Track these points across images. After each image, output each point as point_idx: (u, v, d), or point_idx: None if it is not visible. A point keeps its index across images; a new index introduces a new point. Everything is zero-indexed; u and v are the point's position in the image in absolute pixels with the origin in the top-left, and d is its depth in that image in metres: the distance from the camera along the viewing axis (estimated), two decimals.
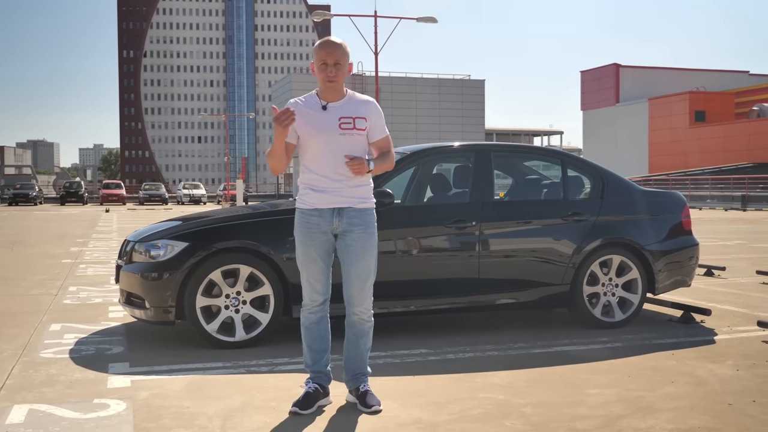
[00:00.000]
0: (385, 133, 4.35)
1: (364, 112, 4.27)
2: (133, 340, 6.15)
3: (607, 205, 6.78)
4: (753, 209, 38.42)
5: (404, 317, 6.61)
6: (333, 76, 4.18)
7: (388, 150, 4.37)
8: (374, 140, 4.31)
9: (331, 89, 4.23)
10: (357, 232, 4.24)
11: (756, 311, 7.40)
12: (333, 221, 4.23)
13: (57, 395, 4.54)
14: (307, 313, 4.35)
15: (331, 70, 4.18)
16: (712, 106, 68.58)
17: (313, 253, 4.25)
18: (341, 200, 4.22)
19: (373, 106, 4.32)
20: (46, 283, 9.55)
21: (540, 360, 5.50)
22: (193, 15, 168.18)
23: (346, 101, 4.28)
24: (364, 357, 4.41)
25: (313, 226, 4.23)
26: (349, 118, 4.22)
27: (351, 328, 4.38)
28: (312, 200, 4.24)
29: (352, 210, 4.24)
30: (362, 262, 4.26)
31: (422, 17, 32.60)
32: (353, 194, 4.25)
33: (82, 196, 51.28)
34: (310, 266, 4.28)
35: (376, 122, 4.30)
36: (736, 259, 12.54)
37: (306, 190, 4.28)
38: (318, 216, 4.23)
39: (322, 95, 4.28)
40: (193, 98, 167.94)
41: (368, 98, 4.36)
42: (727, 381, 4.88)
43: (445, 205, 6.64)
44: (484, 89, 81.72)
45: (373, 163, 4.24)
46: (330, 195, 4.21)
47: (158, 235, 6.04)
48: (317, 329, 4.35)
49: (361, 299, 4.31)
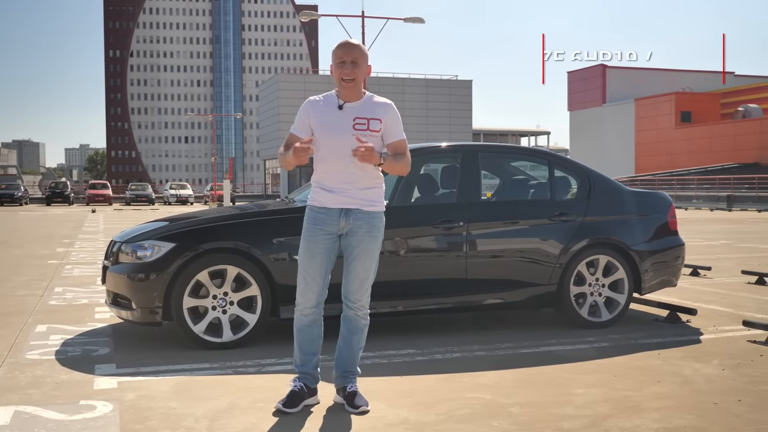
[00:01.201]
0: (401, 137, 4.32)
1: (380, 114, 4.25)
2: (120, 341, 6.12)
3: (593, 205, 6.80)
4: (738, 209, 38.63)
5: (392, 317, 6.61)
6: (349, 72, 4.16)
7: (403, 153, 4.33)
8: (389, 142, 4.29)
9: (348, 88, 4.21)
10: (361, 233, 4.24)
11: (741, 311, 7.45)
12: (340, 221, 4.23)
13: (43, 397, 4.52)
14: (300, 314, 4.33)
15: (348, 67, 4.16)
16: (698, 107, 68.90)
17: (313, 249, 4.24)
18: (350, 201, 4.22)
19: (390, 108, 4.30)
20: (31, 284, 9.50)
21: (527, 360, 5.51)
22: (180, 15, 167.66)
23: (363, 102, 4.27)
24: (356, 356, 4.41)
25: (319, 223, 4.23)
26: (364, 119, 4.21)
27: (346, 323, 4.38)
28: (321, 199, 4.25)
29: (359, 212, 4.24)
30: (363, 263, 4.27)
31: (409, 17, 32.60)
32: (362, 196, 4.24)
33: (68, 197, 51.02)
34: (309, 263, 4.26)
35: (392, 125, 4.28)
36: (722, 259, 12.61)
37: (317, 189, 4.29)
38: (325, 214, 4.23)
39: (340, 95, 4.27)
40: (180, 98, 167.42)
41: (387, 101, 4.33)
42: (712, 380, 4.91)
43: (432, 206, 6.65)
44: (471, 89, 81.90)
45: (386, 158, 4.18)
46: (339, 195, 4.22)
47: (145, 236, 6.01)
48: (309, 332, 4.35)
49: (358, 297, 4.32)
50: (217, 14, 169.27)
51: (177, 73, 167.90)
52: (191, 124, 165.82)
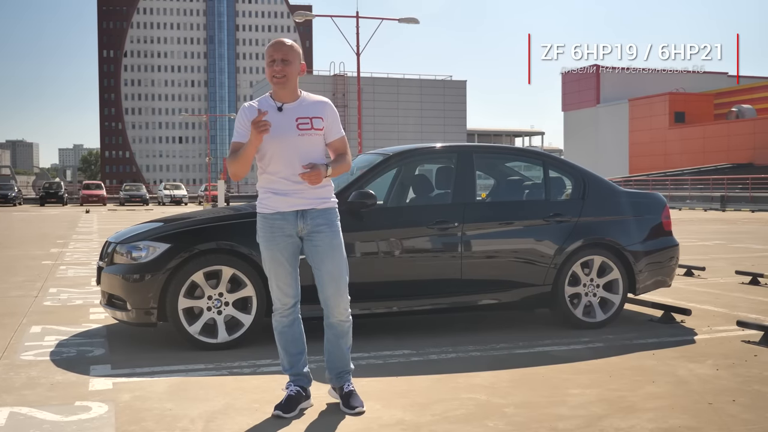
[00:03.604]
0: (340, 134, 4.33)
1: (320, 112, 4.25)
2: (115, 342, 6.12)
3: (588, 205, 6.82)
4: (732, 209, 38.72)
5: (387, 318, 6.61)
6: (280, 70, 4.15)
7: (344, 151, 4.33)
8: (330, 141, 4.28)
9: (281, 86, 4.19)
10: (322, 232, 4.22)
11: (735, 311, 7.47)
12: (297, 224, 4.20)
13: (38, 398, 4.52)
14: (279, 317, 4.33)
15: (278, 65, 4.15)
16: (692, 107, 69.03)
17: (279, 256, 4.22)
18: (304, 202, 4.20)
19: (328, 106, 4.30)
20: (26, 285, 9.48)
21: (522, 360, 5.52)
22: (173, 15, 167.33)
23: (301, 101, 4.26)
24: (346, 355, 4.40)
25: (277, 229, 4.20)
26: (306, 118, 4.20)
27: (330, 329, 4.36)
28: (274, 204, 4.21)
29: (315, 211, 4.22)
30: (332, 261, 4.24)
31: (404, 18, 32.61)
32: (315, 195, 4.22)
33: (61, 197, 50.90)
34: (277, 270, 4.24)
35: (332, 123, 4.28)
36: (716, 260, 12.64)
37: (267, 194, 4.24)
38: (282, 219, 4.20)
39: (275, 96, 4.25)
40: (174, 98, 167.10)
41: (322, 98, 4.34)
42: (707, 380, 4.92)
43: (427, 206, 6.66)
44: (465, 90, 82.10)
45: (331, 167, 4.19)
46: (292, 198, 4.19)
47: (140, 237, 6.01)
48: (291, 332, 4.34)
49: (338, 301, 4.27)
50: (211, 14, 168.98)
51: (171, 73, 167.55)
52: (185, 124, 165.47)
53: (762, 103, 65.05)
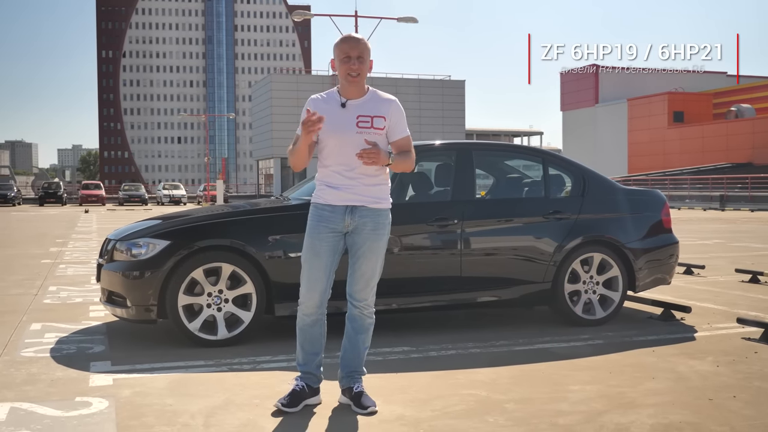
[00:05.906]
0: (405, 133, 4.27)
1: (384, 111, 4.19)
2: (115, 338, 6.12)
3: (588, 203, 6.82)
4: (731, 209, 38.75)
5: (387, 315, 6.61)
6: (356, 68, 4.10)
7: (408, 150, 4.29)
8: (393, 140, 4.24)
9: (353, 84, 4.14)
10: (367, 231, 4.19)
11: (735, 308, 7.47)
12: (345, 219, 4.17)
13: (39, 393, 4.52)
14: (302, 314, 4.27)
15: (354, 63, 4.10)
16: (691, 107, 69.05)
17: (318, 247, 4.18)
18: (355, 198, 4.16)
19: (395, 104, 4.24)
20: (25, 283, 9.47)
21: (522, 357, 5.52)
22: (172, 15, 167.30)
23: (366, 99, 4.20)
24: (361, 355, 4.37)
25: (323, 221, 4.18)
26: (367, 116, 4.15)
27: (351, 322, 4.34)
28: (326, 196, 4.19)
29: (365, 209, 4.18)
30: (368, 262, 4.23)
31: (403, 17, 32.63)
32: (368, 193, 4.18)
33: (61, 197, 50.86)
34: (312, 261, 4.20)
35: (396, 122, 4.23)
36: (716, 258, 12.65)
37: (322, 186, 4.23)
38: (330, 211, 4.18)
39: (342, 92, 4.21)
40: (173, 98, 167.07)
41: (390, 97, 4.27)
42: (707, 377, 4.92)
43: (426, 204, 6.65)
44: (464, 89, 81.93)
45: (393, 158, 4.15)
46: (344, 192, 4.16)
47: (140, 234, 6.01)
48: (311, 332, 4.29)
49: (363, 296, 4.28)
50: (210, 15, 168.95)
51: (170, 73, 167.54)
52: (184, 124, 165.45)
53: (761, 103, 65.08)
